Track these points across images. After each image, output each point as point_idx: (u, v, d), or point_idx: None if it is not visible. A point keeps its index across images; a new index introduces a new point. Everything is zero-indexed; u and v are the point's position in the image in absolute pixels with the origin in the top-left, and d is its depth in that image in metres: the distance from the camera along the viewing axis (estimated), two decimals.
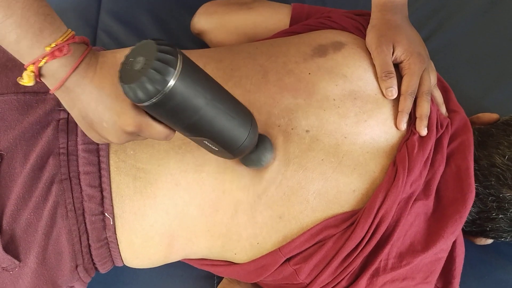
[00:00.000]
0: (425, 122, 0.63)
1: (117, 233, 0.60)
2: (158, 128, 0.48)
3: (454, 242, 0.66)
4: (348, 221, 0.59)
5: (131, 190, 0.59)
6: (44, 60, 0.45)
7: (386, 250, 0.59)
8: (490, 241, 0.73)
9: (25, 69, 0.46)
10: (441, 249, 0.63)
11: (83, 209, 0.58)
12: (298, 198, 0.59)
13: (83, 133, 0.59)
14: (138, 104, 0.43)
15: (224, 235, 0.61)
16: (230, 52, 0.67)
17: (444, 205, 0.64)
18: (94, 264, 0.63)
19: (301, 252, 0.60)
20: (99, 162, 0.59)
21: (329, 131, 0.61)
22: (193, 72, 0.43)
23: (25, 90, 0.60)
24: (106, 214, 0.59)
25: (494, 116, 0.71)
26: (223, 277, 0.74)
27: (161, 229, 0.60)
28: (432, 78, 0.68)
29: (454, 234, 0.62)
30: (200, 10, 0.84)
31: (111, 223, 0.59)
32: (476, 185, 0.63)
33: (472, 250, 0.74)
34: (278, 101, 0.61)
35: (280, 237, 0.60)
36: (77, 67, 0.47)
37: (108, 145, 0.60)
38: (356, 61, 0.65)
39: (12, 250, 0.56)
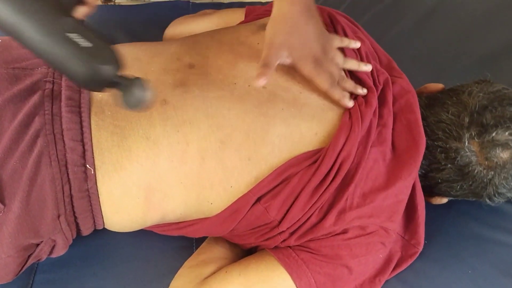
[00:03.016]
0: (347, 95, 0.69)
1: (97, 184, 0.64)
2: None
3: (414, 190, 0.72)
4: (311, 159, 0.65)
5: (110, 144, 0.64)
6: None
7: (350, 189, 0.65)
8: (445, 200, 0.79)
9: None
10: (400, 191, 0.69)
11: (66, 160, 0.63)
12: (264, 141, 0.65)
13: (67, 98, 0.65)
14: None
15: (196, 184, 0.65)
16: (193, 36, 0.80)
17: (399, 154, 0.71)
18: (76, 218, 0.65)
19: (269, 191, 0.65)
20: (81, 121, 0.65)
21: (285, 87, 0.69)
22: None
23: (14, 66, 0.67)
24: (87, 165, 0.64)
25: (439, 85, 0.80)
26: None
27: (138, 181, 0.65)
28: (339, 59, 0.72)
29: (411, 176, 0.69)
30: (171, 24, 1.01)
31: (92, 173, 0.63)
32: (425, 139, 0.71)
33: (432, 209, 0.79)
34: (233, 64, 0.71)
35: (252, 178, 0.65)
36: None
37: (89, 107, 0.66)
38: None
39: None
